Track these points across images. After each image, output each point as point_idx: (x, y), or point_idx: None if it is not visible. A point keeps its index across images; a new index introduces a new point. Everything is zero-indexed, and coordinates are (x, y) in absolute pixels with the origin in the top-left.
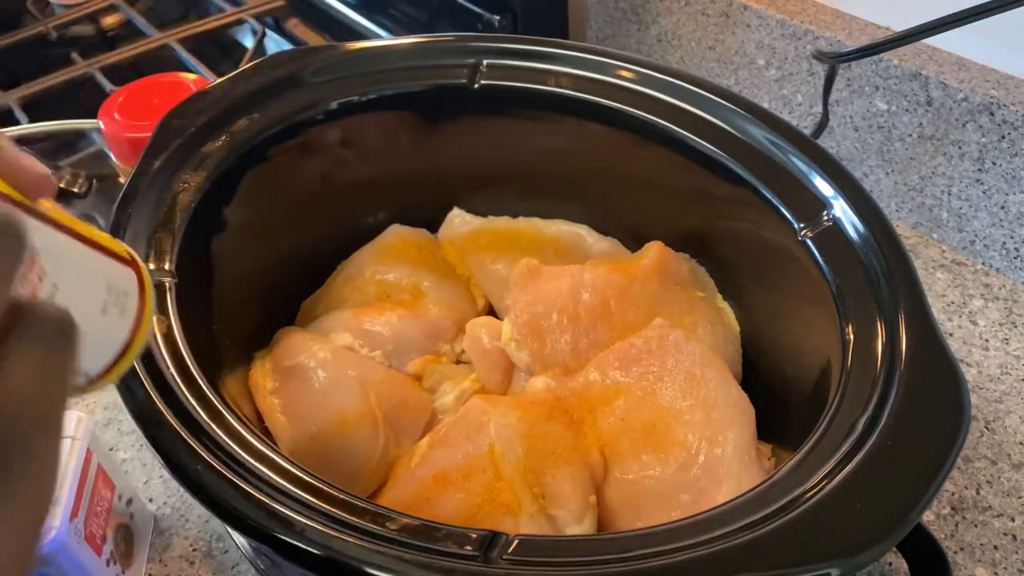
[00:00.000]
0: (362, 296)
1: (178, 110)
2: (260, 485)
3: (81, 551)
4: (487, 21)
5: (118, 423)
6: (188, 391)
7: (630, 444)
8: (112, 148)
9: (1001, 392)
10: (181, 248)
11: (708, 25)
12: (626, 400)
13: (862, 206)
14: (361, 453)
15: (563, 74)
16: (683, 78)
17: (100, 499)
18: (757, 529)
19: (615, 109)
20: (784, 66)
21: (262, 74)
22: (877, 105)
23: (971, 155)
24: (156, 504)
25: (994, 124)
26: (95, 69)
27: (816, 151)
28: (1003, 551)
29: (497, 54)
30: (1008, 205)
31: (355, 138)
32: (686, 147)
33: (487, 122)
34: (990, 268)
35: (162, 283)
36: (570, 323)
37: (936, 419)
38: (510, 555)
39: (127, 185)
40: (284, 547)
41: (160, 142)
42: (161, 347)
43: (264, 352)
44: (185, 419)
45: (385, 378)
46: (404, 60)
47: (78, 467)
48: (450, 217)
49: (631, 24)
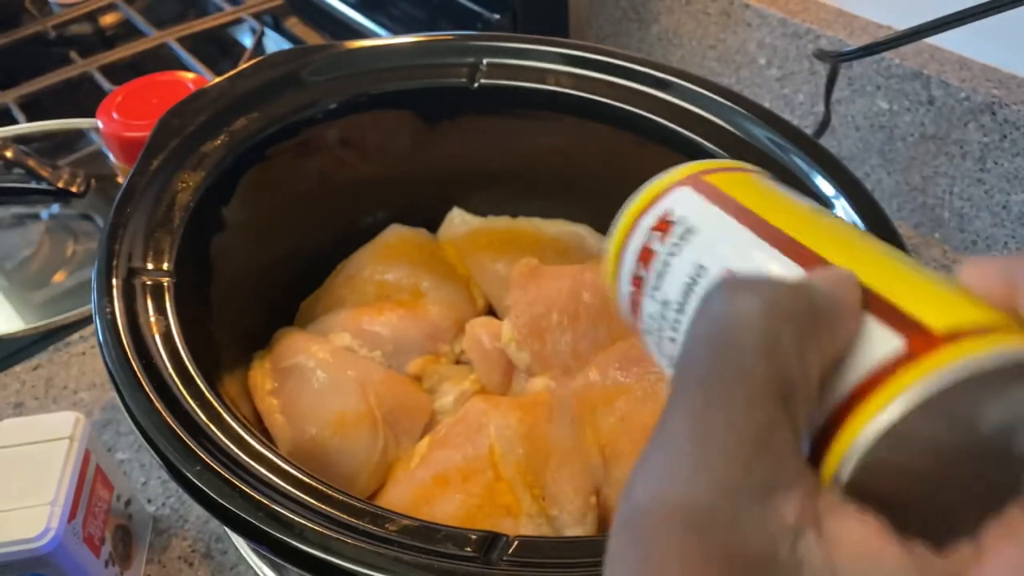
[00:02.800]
0: (361, 296)
1: (177, 109)
2: (259, 486)
3: (79, 552)
4: (487, 20)
5: (116, 423)
6: (186, 392)
7: (631, 445)
8: (110, 147)
9: None
10: (180, 248)
11: (709, 24)
12: (627, 401)
13: (864, 206)
14: (360, 454)
15: (563, 73)
16: (684, 77)
17: (98, 500)
18: None
19: (616, 108)
20: (785, 65)
21: (261, 73)
22: (879, 104)
23: (973, 155)
24: (155, 505)
25: (996, 124)
26: (93, 68)
27: (817, 151)
28: None
29: (497, 53)
30: (1010, 205)
31: (354, 137)
32: (687, 146)
33: (487, 121)
34: None
35: (160, 283)
36: (570, 323)
37: None
38: (510, 556)
39: (125, 184)
40: (283, 548)
41: (158, 141)
42: (159, 347)
43: (263, 352)
44: (183, 420)
45: (384, 379)
46: (404, 59)
47: (76, 468)
48: (450, 217)
49: (632, 23)
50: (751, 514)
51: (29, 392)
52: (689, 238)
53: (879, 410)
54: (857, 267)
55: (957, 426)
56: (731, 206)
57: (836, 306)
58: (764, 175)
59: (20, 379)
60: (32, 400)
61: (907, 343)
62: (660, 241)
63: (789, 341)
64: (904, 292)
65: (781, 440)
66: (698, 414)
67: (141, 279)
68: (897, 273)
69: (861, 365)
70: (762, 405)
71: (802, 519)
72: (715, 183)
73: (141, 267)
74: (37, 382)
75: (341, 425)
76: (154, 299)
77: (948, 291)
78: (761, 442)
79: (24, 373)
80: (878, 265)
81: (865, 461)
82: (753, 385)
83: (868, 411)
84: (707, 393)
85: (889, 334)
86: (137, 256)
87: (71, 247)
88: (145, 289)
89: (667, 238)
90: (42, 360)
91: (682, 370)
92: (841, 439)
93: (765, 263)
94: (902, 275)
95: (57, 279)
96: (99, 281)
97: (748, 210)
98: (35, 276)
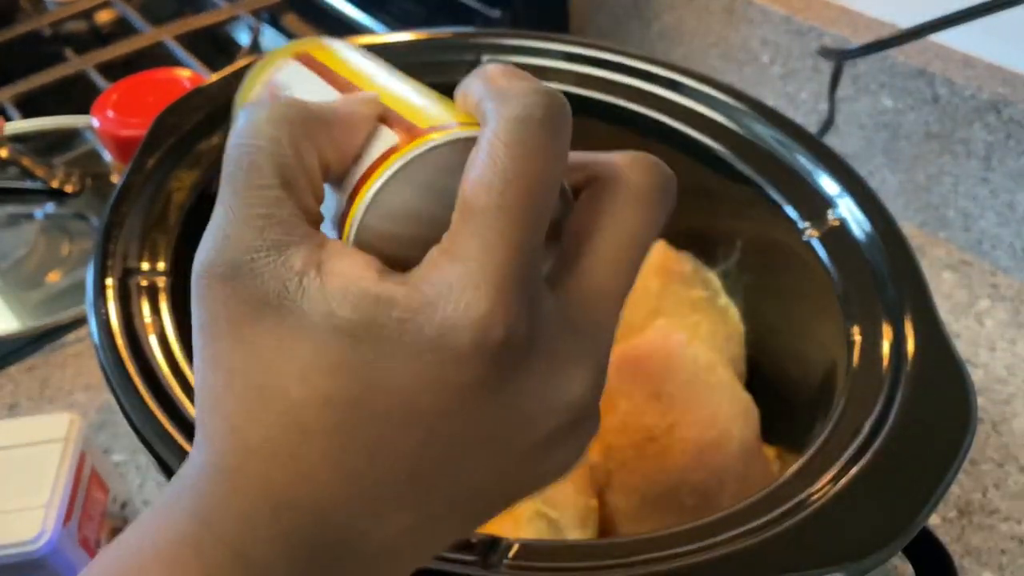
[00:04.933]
0: None
1: (173, 107)
2: None
3: (75, 555)
4: (486, 16)
5: (112, 425)
6: (182, 393)
7: (633, 447)
8: (106, 146)
9: (1008, 394)
10: (176, 248)
11: (711, 21)
12: (628, 402)
13: (868, 205)
14: None
15: (563, 70)
16: (686, 74)
17: (94, 503)
18: (762, 533)
19: (617, 106)
20: (789, 63)
21: None
22: (883, 102)
23: (978, 153)
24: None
25: (1001, 122)
26: (89, 66)
27: (821, 149)
28: (1010, 555)
29: (496, 50)
30: (1015, 204)
31: None
32: (689, 145)
33: None
34: (997, 268)
35: (156, 283)
36: None
37: (942, 421)
38: (511, 560)
39: (121, 183)
40: None
41: (154, 140)
42: (156, 348)
43: None
44: (179, 421)
45: None
46: (402, 56)
47: (71, 470)
48: None
49: (633, 19)
50: (266, 264)
51: (24, 393)
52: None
53: (372, 183)
54: (385, 95)
55: (430, 191)
56: (319, 69)
57: (341, 116)
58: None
59: (15, 380)
60: (27, 401)
61: (399, 139)
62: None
63: (287, 140)
64: (411, 108)
65: (287, 212)
66: (227, 202)
67: (137, 279)
68: (414, 99)
69: (370, 157)
70: (269, 190)
71: (307, 263)
72: (314, 55)
73: (136, 267)
74: (32, 383)
75: None
76: (150, 299)
77: (440, 107)
78: (270, 214)
79: (19, 374)
80: (403, 95)
81: (363, 221)
82: (261, 177)
83: (367, 187)
84: (232, 187)
85: (391, 135)
86: (133, 256)
87: (66, 247)
88: (140, 289)
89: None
90: (37, 361)
91: (222, 173)
92: (352, 210)
93: (321, 97)
94: (417, 100)
95: (52, 279)
96: (94, 281)
97: (330, 70)
98: (30, 276)
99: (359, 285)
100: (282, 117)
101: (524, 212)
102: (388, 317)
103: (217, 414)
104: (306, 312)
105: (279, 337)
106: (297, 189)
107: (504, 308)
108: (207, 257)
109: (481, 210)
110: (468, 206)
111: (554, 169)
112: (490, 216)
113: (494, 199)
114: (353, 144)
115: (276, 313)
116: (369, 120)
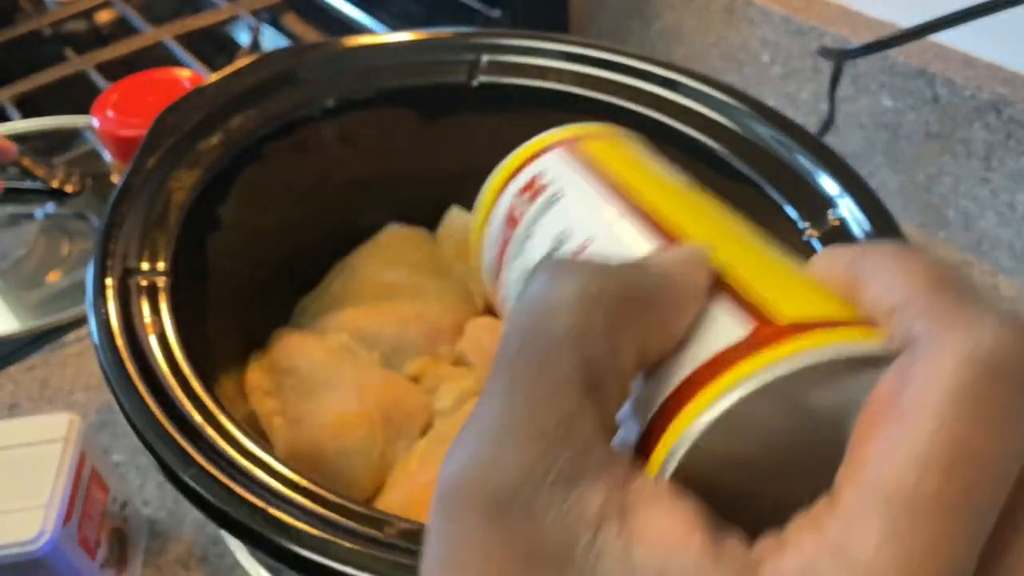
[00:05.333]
0: (359, 296)
1: (173, 107)
2: (256, 489)
3: (75, 555)
4: (486, 16)
5: (112, 426)
6: (183, 393)
7: None
8: (106, 146)
9: None
10: (176, 248)
11: (712, 21)
12: None
13: (868, 205)
14: (358, 456)
15: (564, 70)
16: (686, 74)
17: (94, 503)
18: None
19: (617, 106)
20: (789, 63)
21: (258, 71)
22: (883, 103)
23: (978, 153)
24: (151, 508)
25: (1001, 122)
26: (89, 66)
27: (822, 149)
28: None
29: (496, 50)
30: (1015, 204)
31: (352, 136)
32: (690, 144)
33: (486, 119)
34: (997, 268)
35: (156, 283)
36: None
37: None
38: None
39: (121, 183)
40: (280, 552)
41: (154, 140)
42: (155, 348)
43: (260, 353)
44: (179, 422)
45: (382, 380)
46: (402, 56)
47: (71, 470)
48: (449, 216)
49: (633, 19)
50: (550, 504)
51: (24, 393)
52: (554, 204)
53: (713, 398)
54: (716, 245)
55: (791, 417)
56: (601, 174)
57: (667, 290)
58: (641, 143)
59: (15, 380)
60: (27, 401)
61: (752, 332)
62: (527, 205)
63: (600, 329)
64: (758, 277)
65: (585, 430)
66: (505, 399)
67: (136, 279)
68: (755, 256)
69: (702, 348)
70: (566, 394)
71: (605, 510)
72: (589, 149)
73: (136, 267)
74: (32, 383)
75: (339, 427)
76: (149, 299)
77: (800, 280)
78: (561, 431)
79: (19, 374)
80: (738, 245)
81: (693, 449)
82: (558, 373)
83: (703, 399)
84: (513, 379)
85: (735, 321)
86: (132, 256)
87: (66, 247)
88: (140, 289)
89: (534, 203)
90: (37, 361)
91: (499, 352)
92: (673, 427)
93: (624, 236)
94: (760, 258)
95: (52, 279)
96: (94, 281)
97: (619, 179)
98: (30, 276)
99: (681, 562)
100: (598, 295)
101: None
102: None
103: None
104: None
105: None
106: (603, 397)
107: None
108: (466, 474)
109: (905, 499)
110: (880, 482)
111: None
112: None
113: (929, 486)
114: (679, 327)
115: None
116: (703, 293)
